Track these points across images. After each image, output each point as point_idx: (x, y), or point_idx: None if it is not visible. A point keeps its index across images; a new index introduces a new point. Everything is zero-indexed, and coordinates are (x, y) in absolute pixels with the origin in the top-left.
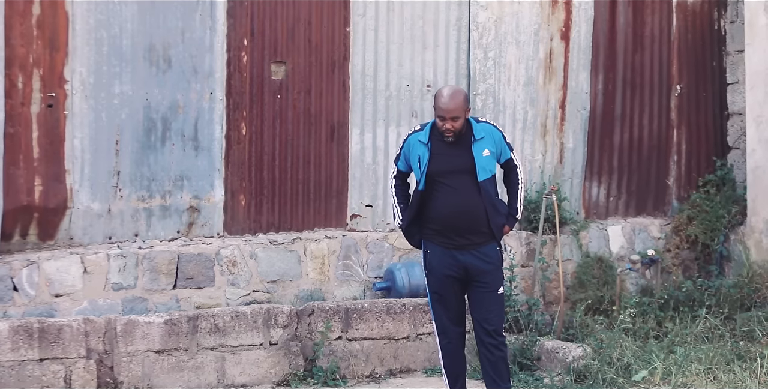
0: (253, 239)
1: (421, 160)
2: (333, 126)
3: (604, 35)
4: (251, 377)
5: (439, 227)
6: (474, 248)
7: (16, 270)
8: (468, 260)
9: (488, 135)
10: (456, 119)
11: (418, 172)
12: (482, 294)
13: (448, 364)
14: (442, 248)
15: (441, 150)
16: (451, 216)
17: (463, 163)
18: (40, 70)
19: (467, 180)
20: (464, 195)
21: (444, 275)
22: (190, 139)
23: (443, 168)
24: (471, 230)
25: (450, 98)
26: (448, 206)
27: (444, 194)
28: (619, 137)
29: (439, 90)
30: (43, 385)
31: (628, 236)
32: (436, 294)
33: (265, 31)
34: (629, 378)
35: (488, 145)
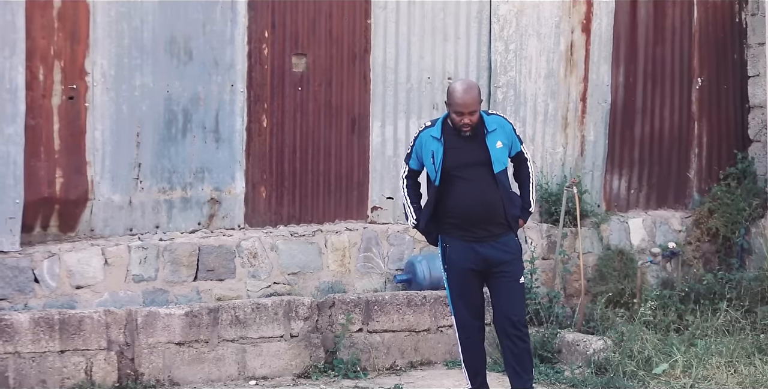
0: (274, 231)
1: (435, 155)
2: (354, 118)
3: (625, 27)
4: (272, 369)
5: (457, 220)
6: (493, 240)
7: (37, 262)
8: (488, 251)
9: (500, 127)
10: (473, 113)
11: (432, 168)
12: (504, 284)
13: (468, 359)
14: (462, 241)
15: (455, 144)
16: (469, 209)
17: (478, 155)
18: (61, 63)
19: (483, 172)
20: (481, 187)
21: (464, 269)
22: (211, 131)
23: (459, 162)
24: (490, 222)
25: (466, 93)
26: (466, 199)
27: (461, 187)
28: (640, 129)
29: (452, 85)
30: (63, 377)
31: (649, 228)
32: (456, 289)
33: (286, 23)
34: (650, 371)
35: (500, 137)
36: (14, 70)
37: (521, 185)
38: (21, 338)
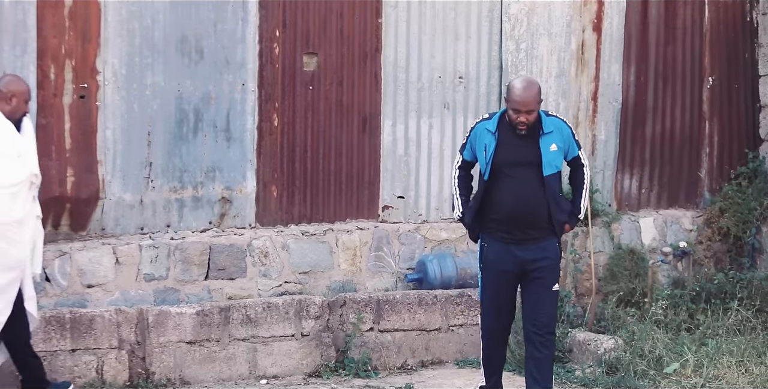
0: (285, 230)
1: (488, 149)
2: (365, 117)
3: (636, 27)
4: (283, 368)
5: (499, 219)
6: (532, 243)
7: (49, 261)
8: (525, 255)
9: (557, 130)
10: (531, 112)
11: (483, 161)
12: (537, 290)
13: (487, 357)
14: (501, 243)
15: (508, 140)
16: (512, 209)
17: (529, 155)
18: (73, 61)
19: (532, 173)
20: (528, 189)
21: (500, 270)
22: (222, 130)
23: (509, 159)
24: (531, 225)
25: (525, 91)
26: (510, 198)
27: (507, 186)
28: (651, 129)
29: (512, 82)
30: (75, 375)
31: (660, 228)
32: (489, 290)
33: (297, 22)
34: (661, 370)
35: (556, 140)
36: (25, 69)
37: (574, 190)
38: (33, 337)
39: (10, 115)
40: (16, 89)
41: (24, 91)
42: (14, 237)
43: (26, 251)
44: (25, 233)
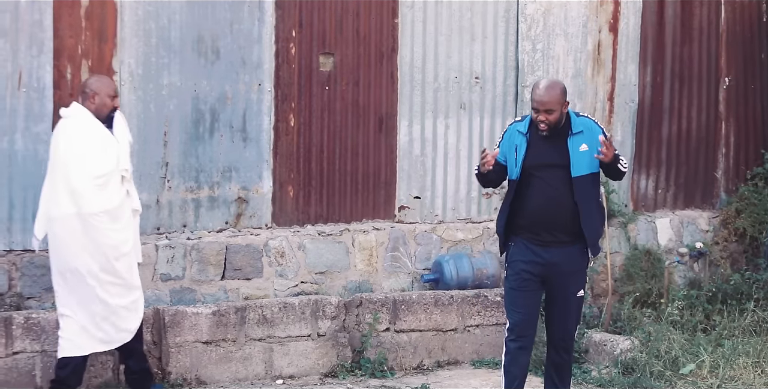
0: (301, 230)
1: (519, 150)
2: (381, 118)
3: (652, 27)
4: (299, 368)
5: (527, 221)
6: (559, 247)
7: None
8: (551, 258)
9: (587, 130)
10: (550, 111)
11: (514, 162)
12: (561, 296)
13: (508, 363)
14: (528, 243)
15: (538, 142)
16: (539, 211)
17: (557, 157)
18: (89, 61)
19: (561, 175)
20: (556, 191)
21: (523, 271)
22: (238, 130)
23: (538, 161)
24: (559, 228)
25: (545, 90)
26: (537, 200)
27: (536, 187)
28: (667, 129)
29: (537, 82)
30: (91, 375)
31: (676, 228)
32: (513, 291)
33: (313, 22)
34: (677, 371)
35: (586, 140)
36: (42, 69)
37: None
38: (48, 337)
39: (96, 112)
40: (97, 87)
41: (104, 88)
42: (102, 226)
43: (117, 240)
44: (117, 224)
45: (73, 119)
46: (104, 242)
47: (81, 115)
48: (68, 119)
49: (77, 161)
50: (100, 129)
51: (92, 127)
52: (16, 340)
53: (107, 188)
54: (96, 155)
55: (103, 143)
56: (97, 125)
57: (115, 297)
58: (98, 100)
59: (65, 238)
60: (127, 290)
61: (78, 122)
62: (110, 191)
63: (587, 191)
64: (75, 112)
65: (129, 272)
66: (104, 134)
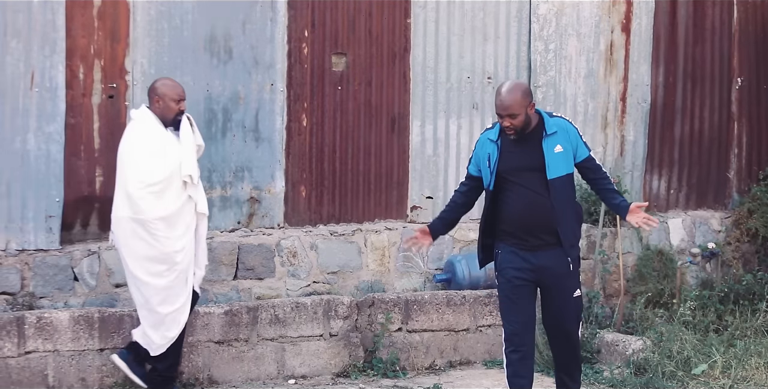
0: (313, 230)
1: (491, 158)
2: (393, 118)
3: (665, 27)
4: (311, 368)
5: (510, 228)
6: (547, 250)
7: (77, 260)
8: (541, 262)
9: (561, 130)
10: (514, 115)
11: (488, 171)
12: (558, 298)
13: (511, 374)
14: (515, 249)
15: (511, 147)
16: (520, 216)
17: (532, 160)
18: (101, 61)
19: (537, 178)
20: (535, 194)
21: (515, 278)
22: (250, 130)
23: (512, 166)
24: (543, 230)
25: (506, 94)
26: (517, 205)
27: (514, 193)
28: (679, 129)
29: (498, 86)
30: (103, 375)
31: (688, 229)
32: (507, 299)
33: (325, 22)
34: (689, 371)
35: (561, 140)
36: (54, 68)
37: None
38: (61, 336)
39: (162, 116)
40: (161, 91)
41: (169, 92)
42: (159, 233)
43: (172, 248)
44: (174, 231)
45: (136, 123)
46: (158, 248)
47: (145, 118)
48: (132, 123)
49: (133, 167)
50: (161, 133)
51: (153, 131)
52: (29, 340)
53: (164, 194)
54: (153, 161)
55: (163, 148)
56: (159, 129)
57: (163, 304)
58: (162, 104)
59: (121, 239)
60: (175, 297)
61: (141, 125)
62: (168, 197)
63: (563, 193)
64: (140, 115)
65: (178, 280)
66: (166, 139)
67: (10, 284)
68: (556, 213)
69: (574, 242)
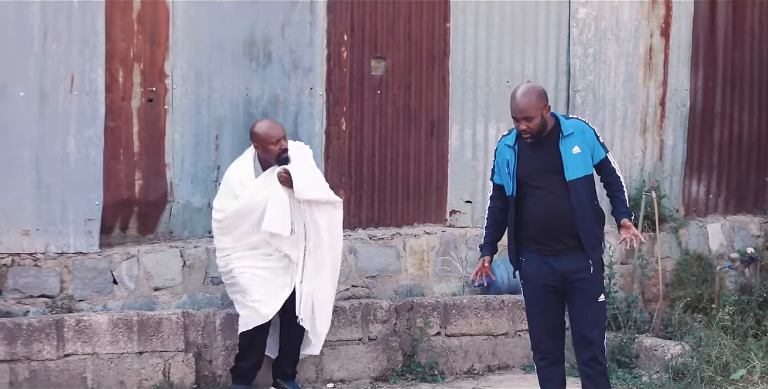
0: (352, 234)
1: (510, 164)
2: (433, 122)
3: (704, 32)
4: (349, 372)
5: (532, 233)
6: (570, 254)
7: (116, 263)
8: (564, 266)
9: (578, 131)
10: (530, 118)
11: (508, 177)
12: (581, 303)
13: (542, 380)
14: (538, 255)
15: (528, 151)
16: (543, 220)
17: (550, 162)
18: (141, 65)
19: (556, 180)
20: (554, 196)
21: (540, 285)
22: (290, 134)
23: (531, 169)
24: (564, 233)
25: (521, 97)
26: (538, 209)
27: (534, 196)
28: (719, 134)
29: (513, 90)
30: (141, 378)
31: (727, 234)
32: (533, 305)
33: (365, 26)
34: (728, 376)
35: (578, 141)
36: (94, 72)
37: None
38: (100, 339)
39: (262, 158)
40: (257, 137)
41: (264, 136)
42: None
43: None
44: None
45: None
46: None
47: (242, 157)
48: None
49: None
50: (242, 174)
51: (236, 171)
52: (68, 342)
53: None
54: (224, 201)
55: (236, 189)
56: (242, 169)
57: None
58: (261, 149)
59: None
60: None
61: (234, 164)
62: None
63: (583, 194)
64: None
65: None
66: (244, 179)
67: (50, 287)
68: (576, 216)
69: (596, 245)
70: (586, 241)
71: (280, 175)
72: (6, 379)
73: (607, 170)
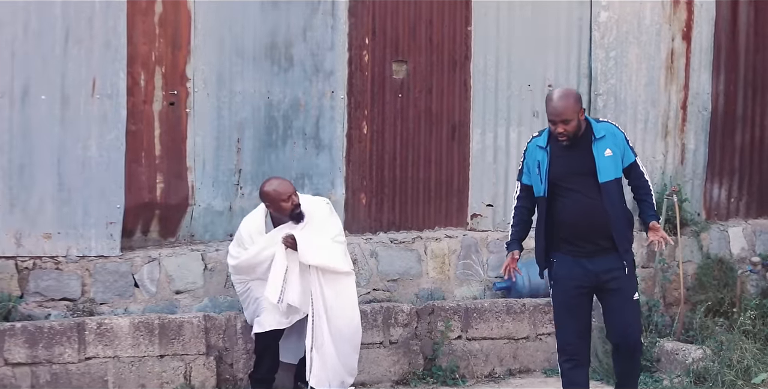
0: (373, 237)
1: (541, 165)
2: (454, 125)
3: (725, 35)
4: (371, 375)
5: (566, 234)
6: (603, 255)
7: (138, 267)
8: (598, 267)
9: (610, 134)
10: (567, 121)
11: (538, 178)
12: (618, 301)
13: (566, 384)
14: (570, 257)
15: (561, 153)
16: (574, 221)
17: (583, 164)
18: (162, 68)
19: (589, 182)
20: (588, 198)
21: (572, 287)
22: (311, 137)
23: (564, 171)
24: (599, 235)
25: (559, 101)
26: (571, 210)
27: (568, 198)
28: (740, 138)
29: (549, 93)
30: (162, 381)
31: (749, 237)
32: (562, 307)
33: (386, 30)
34: (749, 380)
35: (610, 144)
36: (116, 75)
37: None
38: (121, 342)
39: (275, 215)
40: (267, 199)
41: (274, 195)
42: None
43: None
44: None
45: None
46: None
47: (255, 211)
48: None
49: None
50: (253, 228)
51: (247, 225)
52: (89, 346)
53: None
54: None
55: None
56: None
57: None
58: (273, 208)
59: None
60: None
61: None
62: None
63: (614, 197)
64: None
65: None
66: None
67: (71, 290)
68: (610, 217)
69: (628, 247)
70: (620, 243)
71: (285, 240)
72: (27, 382)
73: (636, 174)
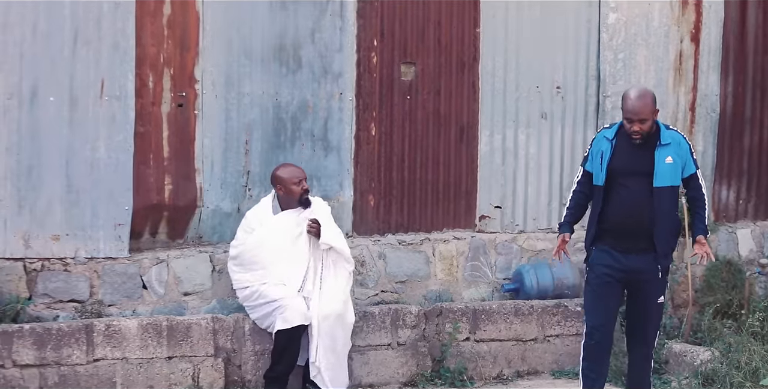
0: (381, 239)
1: (604, 155)
2: (462, 127)
3: (734, 37)
4: (378, 377)
5: (610, 227)
6: (639, 254)
7: (146, 268)
8: (632, 264)
9: (675, 143)
10: (644, 121)
11: (599, 167)
12: (643, 302)
13: (586, 367)
14: (608, 248)
15: (624, 148)
16: (623, 219)
17: (642, 165)
18: (171, 70)
19: (643, 184)
20: (637, 198)
21: (605, 274)
22: (319, 139)
23: (623, 167)
24: (640, 235)
25: (637, 100)
26: (620, 206)
27: (620, 194)
28: (749, 139)
29: (626, 91)
30: (171, 383)
31: (757, 239)
32: (593, 291)
33: (395, 31)
34: (757, 382)
35: (672, 153)
36: (124, 77)
37: (696, 212)
38: (129, 344)
39: (286, 199)
40: (279, 179)
41: (287, 177)
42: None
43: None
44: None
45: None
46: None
47: (259, 203)
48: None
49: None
50: (261, 213)
51: (255, 211)
52: (97, 347)
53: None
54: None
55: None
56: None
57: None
58: (284, 191)
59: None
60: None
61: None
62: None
63: (666, 203)
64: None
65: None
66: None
67: (79, 292)
68: (655, 221)
69: (668, 252)
70: (660, 248)
71: (309, 226)
72: (36, 384)
73: (695, 186)
